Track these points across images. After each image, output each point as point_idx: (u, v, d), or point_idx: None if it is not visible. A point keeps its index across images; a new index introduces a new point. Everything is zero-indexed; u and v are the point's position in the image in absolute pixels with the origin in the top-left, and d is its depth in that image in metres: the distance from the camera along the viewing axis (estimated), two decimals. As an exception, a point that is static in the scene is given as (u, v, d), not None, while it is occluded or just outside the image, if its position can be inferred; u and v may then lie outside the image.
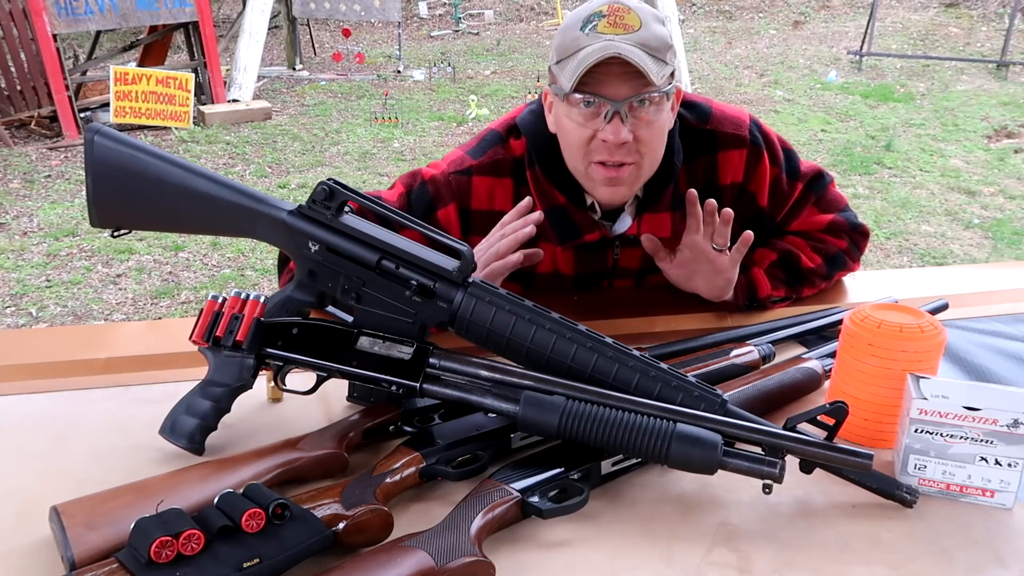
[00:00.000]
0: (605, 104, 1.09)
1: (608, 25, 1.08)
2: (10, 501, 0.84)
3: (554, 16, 11.37)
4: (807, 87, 7.74)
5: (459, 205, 1.26)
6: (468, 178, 1.26)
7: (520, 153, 1.27)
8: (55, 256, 4.18)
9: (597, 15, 1.09)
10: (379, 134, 6.29)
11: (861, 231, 1.38)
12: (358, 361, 0.90)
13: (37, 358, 1.11)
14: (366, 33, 10.78)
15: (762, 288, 1.27)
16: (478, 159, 1.26)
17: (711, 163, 1.28)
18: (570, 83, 1.08)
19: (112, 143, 0.90)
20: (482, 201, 1.27)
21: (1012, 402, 0.84)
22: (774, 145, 1.31)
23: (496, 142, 1.28)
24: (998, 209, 4.92)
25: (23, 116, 6.11)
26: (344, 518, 0.76)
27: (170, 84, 6.32)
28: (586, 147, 1.14)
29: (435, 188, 1.26)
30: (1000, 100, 7.11)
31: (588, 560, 0.78)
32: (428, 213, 1.26)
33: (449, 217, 1.26)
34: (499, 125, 1.30)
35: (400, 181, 1.30)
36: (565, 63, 1.11)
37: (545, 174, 1.24)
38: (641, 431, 0.81)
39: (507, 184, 1.26)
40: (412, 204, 1.26)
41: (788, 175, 1.32)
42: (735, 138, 1.27)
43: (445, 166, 1.28)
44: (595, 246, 1.28)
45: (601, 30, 1.08)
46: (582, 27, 1.09)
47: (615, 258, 1.32)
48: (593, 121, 1.12)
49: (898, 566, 0.78)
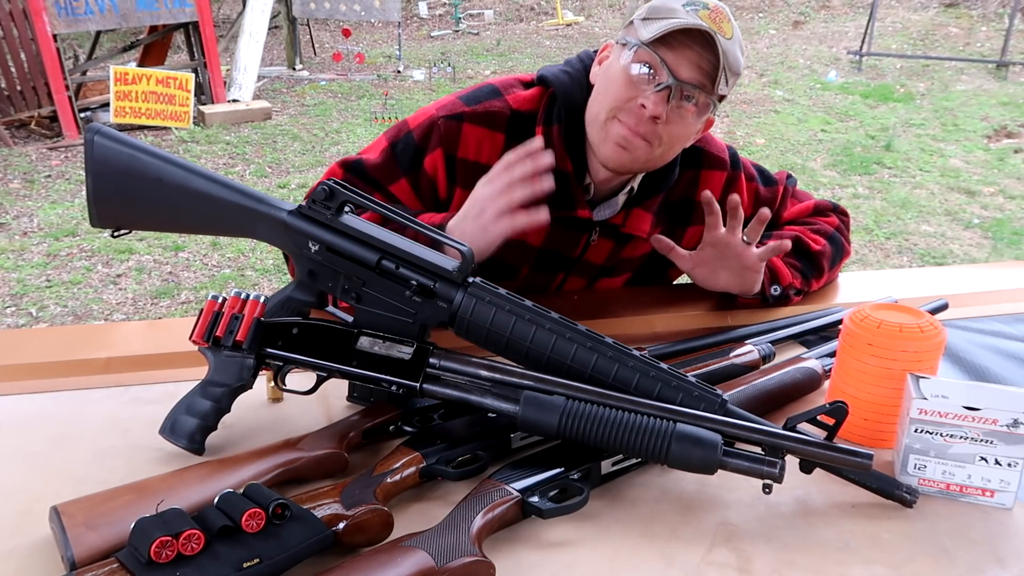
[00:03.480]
0: (664, 75, 1.08)
1: (708, 18, 1.07)
2: (10, 501, 0.84)
3: (554, 16, 11.37)
4: (807, 87, 7.75)
5: (445, 151, 1.22)
6: (459, 124, 1.22)
7: (522, 108, 1.23)
8: (55, 256, 4.18)
9: (701, 3, 1.08)
10: (379, 134, 6.28)
11: (842, 210, 1.44)
12: (358, 361, 0.89)
13: (37, 358, 1.11)
14: (366, 33, 10.79)
15: (784, 277, 1.28)
16: (471, 107, 1.23)
17: (694, 179, 1.31)
18: (651, 35, 1.07)
19: (112, 143, 0.90)
20: (469, 150, 1.23)
21: (1012, 402, 0.84)
22: (748, 167, 1.38)
23: (495, 95, 1.24)
24: (998, 209, 4.92)
25: (23, 116, 6.11)
26: (344, 518, 0.76)
27: (170, 84, 6.32)
28: (621, 105, 1.13)
29: (421, 133, 1.22)
30: (1000, 100, 7.11)
31: (588, 560, 0.78)
32: (415, 162, 1.23)
33: (436, 164, 1.23)
34: (499, 81, 1.27)
35: (384, 135, 1.26)
36: (653, 21, 1.09)
37: (564, 136, 1.21)
38: (641, 431, 0.81)
39: (498, 139, 1.23)
40: (398, 157, 1.23)
41: (764, 184, 1.39)
42: (718, 160, 1.32)
43: (435, 111, 1.23)
44: (576, 225, 1.27)
45: (701, 16, 1.07)
46: (685, 3, 1.08)
47: (587, 245, 1.30)
48: (643, 87, 1.10)
49: (898, 566, 0.78)
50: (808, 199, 1.44)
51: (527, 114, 1.23)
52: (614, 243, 1.32)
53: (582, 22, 11.33)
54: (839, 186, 5.29)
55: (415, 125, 1.24)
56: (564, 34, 10.76)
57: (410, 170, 1.23)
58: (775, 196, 1.39)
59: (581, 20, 11.38)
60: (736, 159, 1.35)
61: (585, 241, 1.30)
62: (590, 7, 11.94)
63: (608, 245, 1.32)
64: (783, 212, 1.41)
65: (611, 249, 1.32)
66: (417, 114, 1.26)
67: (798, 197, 1.43)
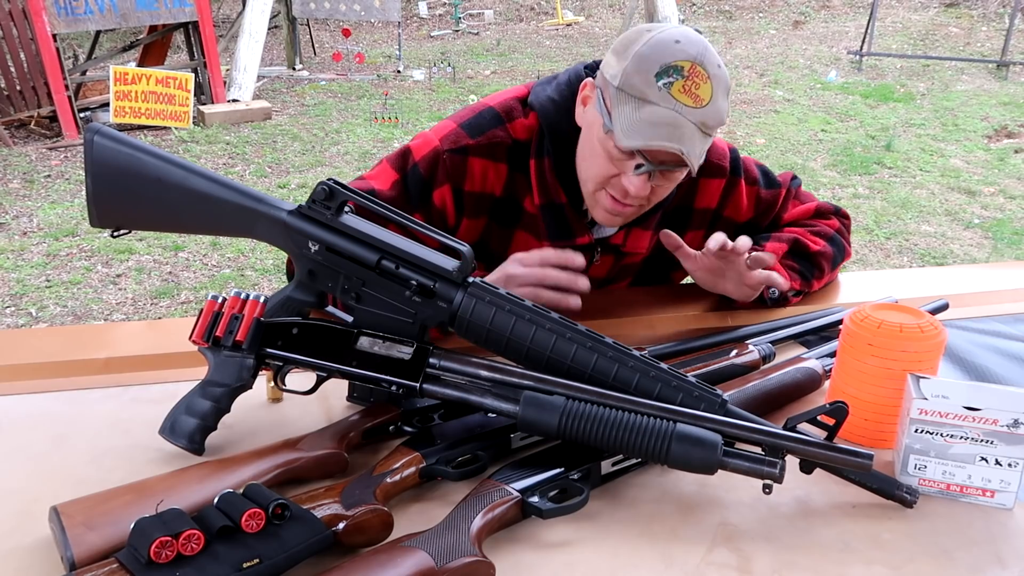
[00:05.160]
0: (641, 159, 1.09)
1: (682, 91, 1.05)
2: (10, 501, 0.84)
3: (554, 16, 11.37)
4: (807, 87, 7.74)
5: (453, 185, 1.23)
6: (464, 158, 1.22)
7: (521, 137, 1.24)
8: (55, 256, 4.18)
9: (676, 71, 1.05)
10: (379, 134, 6.29)
11: (843, 213, 1.44)
12: (358, 361, 0.89)
13: (37, 358, 1.11)
14: (366, 33, 10.79)
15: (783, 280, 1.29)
16: (475, 139, 1.22)
17: (691, 187, 1.31)
18: (627, 141, 1.07)
19: (112, 143, 0.90)
20: (476, 183, 1.24)
21: (1012, 402, 0.84)
22: (751, 170, 1.37)
23: (495, 123, 1.24)
24: (998, 209, 4.92)
25: (23, 116, 6.11)
26: (344, 518, 0.76)
27: (170, 84, 6.32)
28: (605, 180, 1.15)
29: (427, 168, 1.22)
30: (1000, 100, 7.11)
31: (588, 560, 0.78)
32: (424, 196, 1.23)
33: (444, 198, 1.23)
34: (498, 104, 1.26)
35: (389, 164, 1.25)
36: (626, 104, 1.07)
37: (555, 169, 1.22)
38: (641, 431, 0.81)
39: (502, 169, 1.24)
40: (409, 190, 1.23)
41: (767, 186, 1.38)
42: (718, 167, 1.31)
43: (437, 142, 1.22)
44: (577, 248, 1.27)
45: (674, 94, 1.05)
46: (658, 76, 1.05)
47: (590, 264, 1.30)
48: (623, 163, 1.12)
49: (898, 566, 0.78)
50: (811, 200, 1.43)
51: (525, 143, 1.24)
52: (614, 257, 1.33)
53: (582, 22, 11.34)
54: (839, 186, 5.29)
55: (419, 157, 1.23)
56: (564, 34, 10.76)
57: (420, 204, 1.23)
58: (777, 199, 1.39)
59: (581, 20, 11.39)
60: (737, 163, 1.34)
61: (588, 260, 1.31)
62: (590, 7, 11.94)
63: (610, 260, 1.34)
64: (784, 214, 1.40)
65: (612, 263, 1.34)
66: (419, 143, 1.24)
67: (801, 198, 1.43)
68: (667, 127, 1.05)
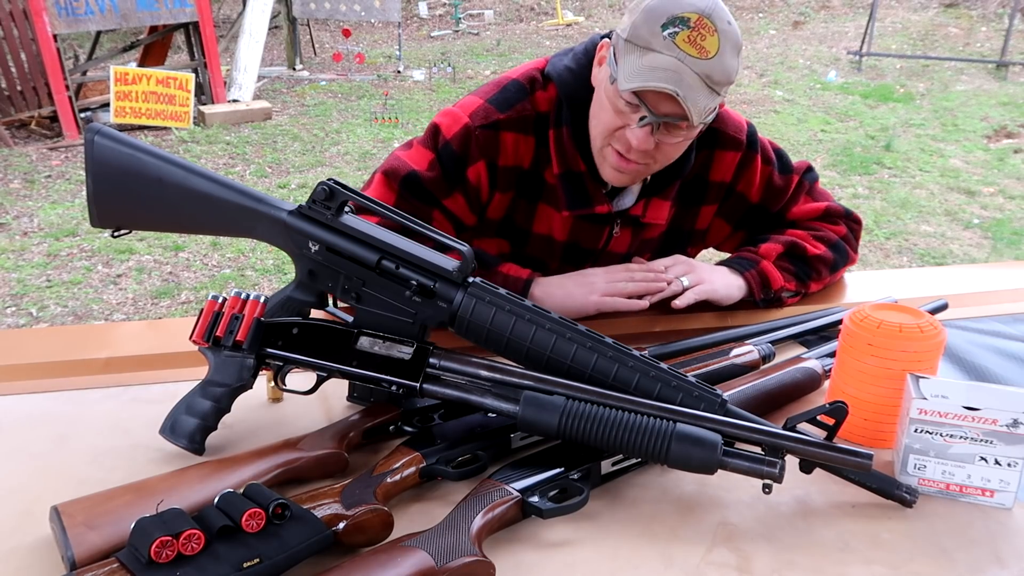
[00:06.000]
0: (644, 110, 1.09)
1: (686, 41, 1.05)
2: (10, 501, 0.84)
3: (554, 16, 11.37)
4: (807, 87, 7.74)
5: (488, 160, 1.23)
6: (496, 133, 1.22)
7: (543, 109, 1.24)
8: (55, 256, 4.18)
9: (682, 22, 1.05)
10: (379, 134, 6.29)
11: (855, 218, 1.42)
12: (358, 361, 0.90)
13: (37, 358, 1.11)
14: (366, 33, 10.78)
15: (775, 280, 1.30)
16: (505, 112, 1.22)
17: (708, 158, 1.32)
18: (626, 84, 1.07)
19: (112, 143, 0.90)
20: (508, 156, 1.24)
21: (1012, 402, 0.84)
22: (767, 148, 1.36)
23: (522, 95, 1.24)
24: (998, 209, 4.92)
25: (23, 116, 6.10)
26: (344, 518, 0.76)
27: (170, 84, 6.32)
28: (611, 133, 1.15)
29: (460, 145, 1.22)
30: (1000, 100, 7.11)
31: (588, 560, 0.78)
32: (459, 172, 1.23)
33: (480, 174, 1.24)
34: (521, 76, 1.26)
35: (420, 143, 1.26)
36: (632, 53, 1.08)
37: (573, 138, 1.22)
38: (641, 431, 0.81)
39: (531, 142, 1.25)
40: (445, 166, 1.23)
41: (780, 171, 1.37)
42: (733, 140, 1.31)
43: (467, 118, 1.22)
44: (597, 219, 1.29)
45: (678, 43, 1.05)
46: (664, 26, 1.05)
47: (610, 237, 1.32)
48: (629, 116, 1.12)
49: (898, 566, 0.78)
50: (825, 199, 1.41)
51: (546, 115, 1.25)
52: (633, 230, 1.33)
53: (582, 22, 11.33)
54: (839, 186, 5.29)
55: (451, 135, 1.23)
56: (564, 34, 10.75)
57: (457, 182, 1.24)
58: (789, 186, 1.37)
59: (581, 20, 11.38)
60: (754, 138, 1.33)
61: (608, 233, 1.32)
62: (590, 7, 11.94)
63: (628, 233, 1.34)
64: (792, 206, 1.39)
65: (631, 237, 1.34)
66: (447, 120, 1.24)
67: (815, 195, 1.41)
68: (666, 71, 1.05)
